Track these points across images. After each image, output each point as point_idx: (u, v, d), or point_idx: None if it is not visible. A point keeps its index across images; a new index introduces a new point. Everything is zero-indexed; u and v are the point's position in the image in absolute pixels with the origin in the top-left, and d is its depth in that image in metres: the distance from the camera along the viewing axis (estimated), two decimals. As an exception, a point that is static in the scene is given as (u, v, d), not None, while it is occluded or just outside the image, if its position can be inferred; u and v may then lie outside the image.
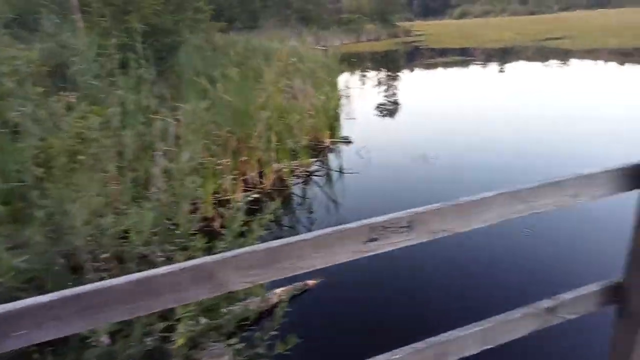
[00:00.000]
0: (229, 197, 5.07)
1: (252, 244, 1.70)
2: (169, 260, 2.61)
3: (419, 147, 6.91)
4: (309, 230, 4.69)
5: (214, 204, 5.00)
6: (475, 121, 8.65)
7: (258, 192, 5.47)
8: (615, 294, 1.42)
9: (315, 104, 7.46)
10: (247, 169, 5.64)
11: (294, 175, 5.99)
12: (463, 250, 3.99)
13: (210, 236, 4.39)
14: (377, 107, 10.66)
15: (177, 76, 6.02)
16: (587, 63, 16.80)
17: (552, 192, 1.23)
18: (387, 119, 9.67)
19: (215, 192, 5.05)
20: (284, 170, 5.74)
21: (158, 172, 4.76)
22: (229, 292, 1.05)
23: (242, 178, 5.56)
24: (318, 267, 1.09)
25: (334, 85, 10.07)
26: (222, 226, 4.54)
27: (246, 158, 5.56)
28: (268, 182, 5.64)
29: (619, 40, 20.93)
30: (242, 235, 1.90)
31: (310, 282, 3.62)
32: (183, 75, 5.81)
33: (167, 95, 5.55)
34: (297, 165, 6.13)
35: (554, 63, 16.92)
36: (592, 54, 18.56)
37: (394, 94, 12.51)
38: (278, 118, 6.26)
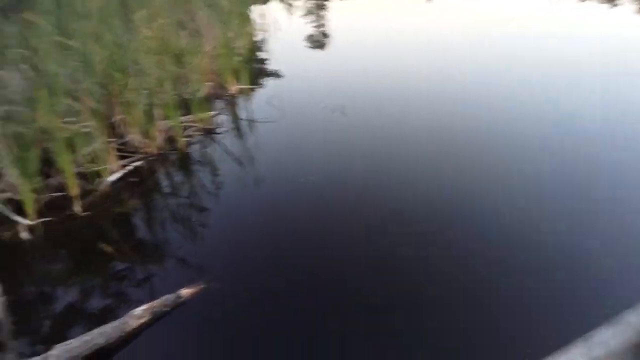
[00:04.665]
0: (98, 168, 4.06)
1: None
2: None
3: (343, 94, 6.06)
4: (215, 194, 3.85)
5: (80, 178, 3.99)
6: (410, 63, 7.76)
7: (141, 159, 4.48)
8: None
9: (221, 42, 6.32)
10: (126, 130, 4.58)
11: (190, 133, 5.01)
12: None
13: (65, 230, 3.52)
14: (300, 42, 9.54)
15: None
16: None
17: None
18: (310, 58, 8.58)
19: (81, 164, 4.02)
20: (176, 127, 4.74)
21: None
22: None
23: (119, 142, 4.51)
24: None
25: (245, 18, 8.82)
26: (86, 209, 3.61)
27: (122, 117, 4.49)
28: (154, 145, 4.64)
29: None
30: None
31: (185, 291, 2.81)
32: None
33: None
34: (193, 120, 5.13)
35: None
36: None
37: (321, 28, 11.34)
38: (171, 63, 5.14)
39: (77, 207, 3.67)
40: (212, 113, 5.45)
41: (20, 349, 2.48)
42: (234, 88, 6.26)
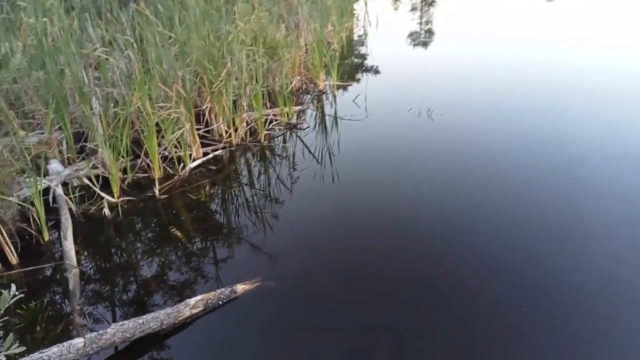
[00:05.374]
0: (181, 153, 4.23)
1: None
2: None
3: (435, 97, 5.77)
4: (288, 190, 3.83)
5: (164, 161, 4.19)
6: (516, 72, 7.06)
7: (222, 148, 4.60)
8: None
9: (316, 37, 6.31)
10: (212, 119, 4.73)
11: (273, 126, 5.07)
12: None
13: (142, 211, 3.70)
14: (401, 39, 9.28)
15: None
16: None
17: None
18: (407, 56, 8.28)
19: (166, 148, 4.21)
20: (260, 119, 4.81)
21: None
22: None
23: (204, 130, 4.68)
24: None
25: (347, 12, 8.76)
26: (165, 192, 3.77)
27: (210, 106, 4.64)
28: (237, 135, 4.75)
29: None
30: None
31: (241, 286, 2.82)
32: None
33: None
34: (277, 114, 5.18)
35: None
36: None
37: (425, 25, 10.94)
38: (263, 55, 5.23)
39: (157, 190, 3.84)
40: (297, 108, 5.47)
41: (82, 320, 2.64)
42: (323, 84, 6.24)
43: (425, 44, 9.03)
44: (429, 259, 3.06)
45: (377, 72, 7.02)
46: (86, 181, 3.74)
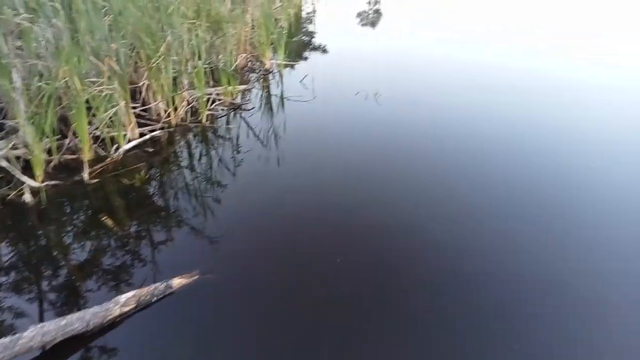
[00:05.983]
0: (115, 133, 3.93)
1: None
2: None
3: (382, 79, 5.72)
4: (230, 174, 3.62)
5: (95, 142, 3.88)
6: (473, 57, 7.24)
7: (160, 128, 4.33)
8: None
9: (263, 12, 6.04)
10: (149, 97, 4.43)
11: (216, 106, 4.83)
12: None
13: (69, 196, 3.42)
14: (351, 18, 9.13)
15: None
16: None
17: None
18: (357, 36, 8.19)
19: (98, 127, 3.89)
20: (202, 99, 4.55)
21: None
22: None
23: (140, 109, 4.38)
24: None
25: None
26: (95, 175, 3.49)
27: (147, 83, 4.33)
28: (177, 115, 4.48)
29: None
30: None
31: (177, 280, 2.64)
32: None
33: None
34: (220, 93, 4.93)
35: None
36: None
37: (376, 5, 10.83)
38: (206, 30, 4.93)
39: (87, 173, 3.55)
40: (242, 87, 5.25)
41: (-3, 322, 2.39)
42: (269, 62, 6.01)
43: (374, 24, 8.94)
44: (377, 243, 3.01)
45: (325, 51, 6.87)
46: (5, 163, 3.39)
